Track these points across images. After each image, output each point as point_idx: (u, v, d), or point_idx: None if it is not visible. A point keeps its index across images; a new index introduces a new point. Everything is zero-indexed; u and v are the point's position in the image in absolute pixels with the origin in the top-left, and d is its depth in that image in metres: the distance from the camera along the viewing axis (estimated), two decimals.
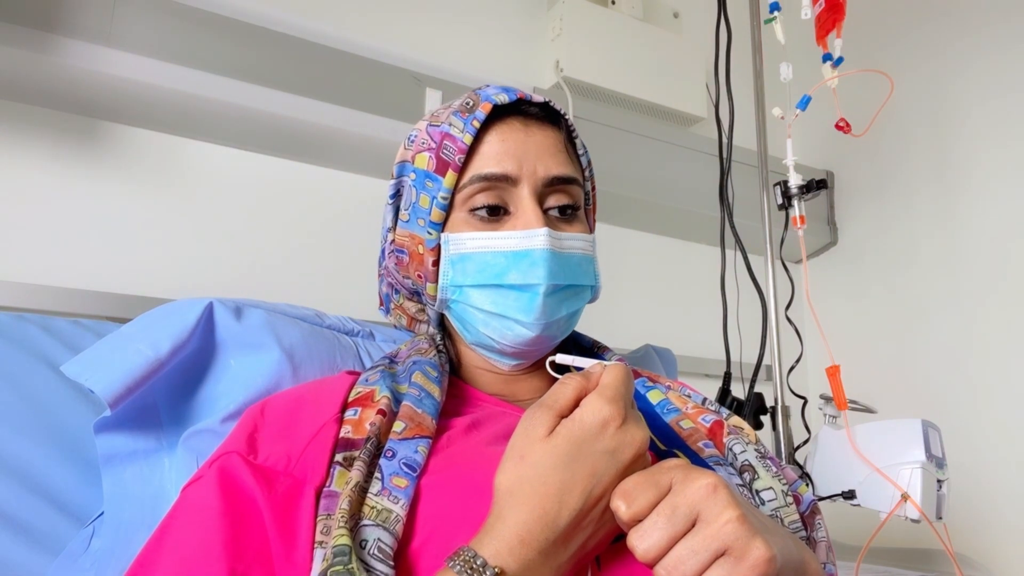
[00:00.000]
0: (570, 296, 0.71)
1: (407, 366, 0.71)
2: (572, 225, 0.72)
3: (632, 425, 0.52)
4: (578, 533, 0.50)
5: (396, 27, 1.56)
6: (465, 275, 0.70)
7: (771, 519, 0.54)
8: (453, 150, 0.69)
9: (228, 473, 0.57)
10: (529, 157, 0.69)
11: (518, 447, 0.52)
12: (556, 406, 0.53)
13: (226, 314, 0.81)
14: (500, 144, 0.69)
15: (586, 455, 0.51)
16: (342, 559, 0.48)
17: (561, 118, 0.74)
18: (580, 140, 0.77)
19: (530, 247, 0.67)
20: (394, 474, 0.57)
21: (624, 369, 0.55)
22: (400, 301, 0.84)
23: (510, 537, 0.48)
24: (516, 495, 0.50)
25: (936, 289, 1.72)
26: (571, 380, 0.55)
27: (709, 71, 1.41)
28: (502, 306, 0.68)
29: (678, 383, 0.80)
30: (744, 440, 0.70)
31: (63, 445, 0.79)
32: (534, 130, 0.71)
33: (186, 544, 0.53)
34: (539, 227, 0.67)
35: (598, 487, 0.50)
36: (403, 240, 0.76)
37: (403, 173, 0.76)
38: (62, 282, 1.16)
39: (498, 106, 0.70)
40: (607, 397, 0.52)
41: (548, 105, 0.72)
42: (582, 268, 0.71)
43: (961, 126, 1.71)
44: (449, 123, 0.71)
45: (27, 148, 1.19)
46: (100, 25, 1.16)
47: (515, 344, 0.70)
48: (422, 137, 0.73)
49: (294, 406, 0.65)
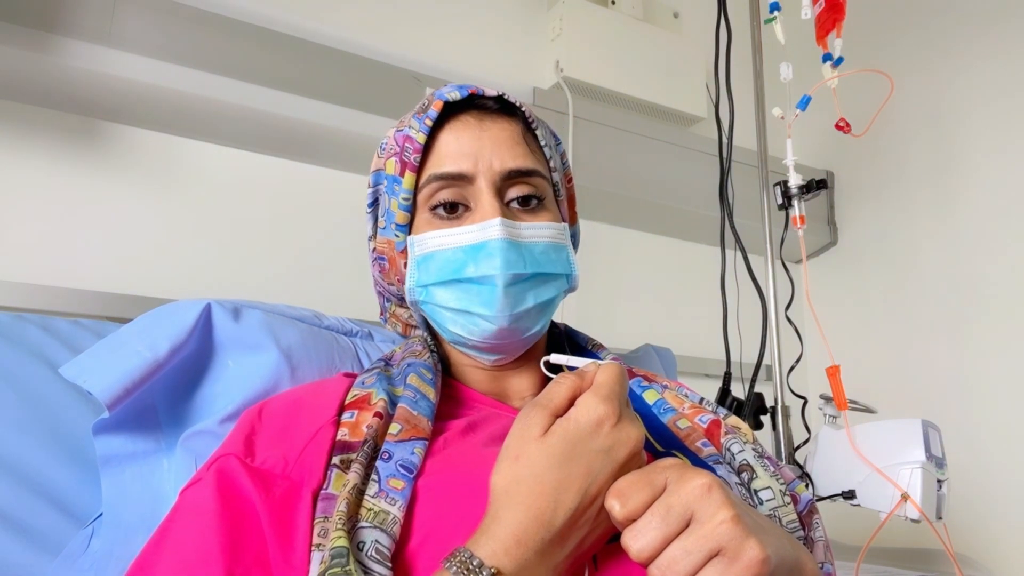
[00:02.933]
0: (537, 285, 0.70)
1: (402, 368, 0.71)
2: (536, 215, 0.71)
3: (627, 423, 0.52)
4: (574, 532, 0.50)
5: (396, 27, 1.56)
6: (428, 274, 0.70)
7: (767, 519, 0.54)
8: (411, 151, 0.70)
9: (226, 476, 0.57)
10: (484, 152, 0.69)
11: (513, 447, 0.52)
12: (551, 405, 0.53)
13: (224, 315, 0.81)
14: (455, 142, 0.69)
15: (581, 454, 0.51)
16: (339, 561, 0.48)
17: (518, 110, 0.73)
18: (545, 131, 0.76)
19: (485, 238, 0.67)
20: (391, 476, 0.57)
21: (618, 368, 0.54)
22: (392, 309, 0.84)
23: (506, 537, 0.48)
24: (512, 495, 0.50)
25: (936, 289, 1.72)
26: (565, 379, 0.54)
27: (709, 71, 1.41)
28: (465, 301, 0.68)
29: (675, 383, 0.80)
30: (742, 439, 0.69)
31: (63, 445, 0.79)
32: (488, 124, 0.70)
33: (184, 547, 0.53)
34: (494, 217, 0.67)
35: (593, 486, 0.50)
36: (382, 247, 0.77)
37: (378, 181, 0.76)
38: (62, 282, 1.16)
39: (452, 103, 0.70)
40: (601, 396, 0.52)
41: (503, 98, 0.72)
42: (548, 256, 0.70)
43: (961, 126, 1.71)
44: (409, 125, 0.71)
45: (27, 148, 1.19)
46: (100, 25, 1.16)
47: (483, 339, 0.70)
48: (391, 143, 0.74)
49: (291, 409, 0.65)
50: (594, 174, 1.61)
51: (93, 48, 1.15)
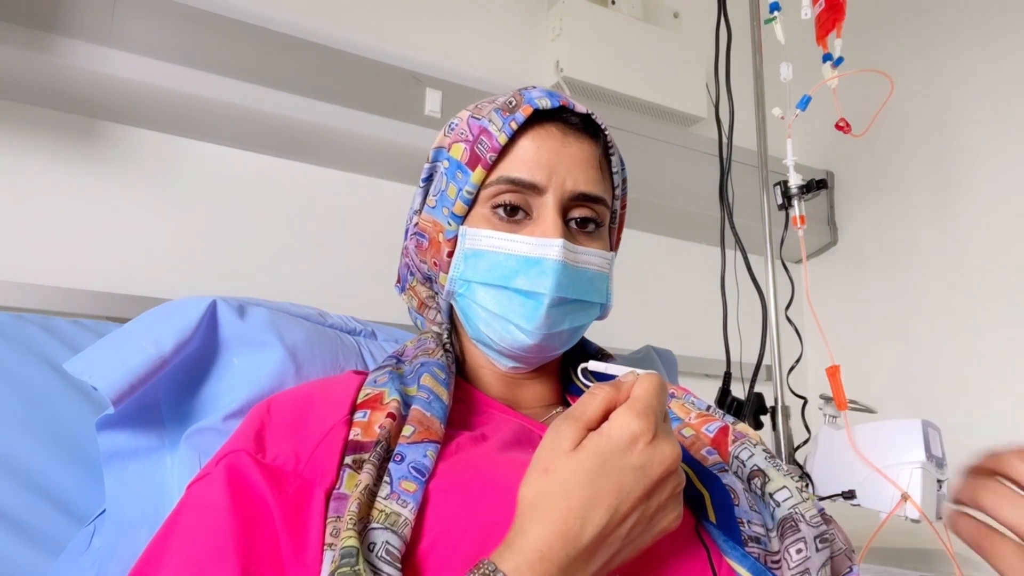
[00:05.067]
0: (576, 311, 0.71)
1: (415, 367, 0.71)
2: (592, 241, 0.71)
3: (663, 441, 0.51)
4: (602, 550, 0.49)
5: (396, 27, 1.56)
6: (475, 271, 0.69)
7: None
8: (487, 147, 0.69)
9: (237, 471, 0.56)
10: (560, 168, 0.68)
11: (543, 459, 0.51)
12: (584, 418, 0.52)
13: (229, 312, 0.81)
14: (535, 150, 0.69)
15: (612, 470, 0.49)
16: (349, 560, 0.48)
17: (601, 132, 0.72)
18: (618, 156, 0.76)
19: (543, 255, 0.67)
20: (403, 478, 0.56)
21: (658, 380, 0.53)
22: (413, 283, 0.83)
23: (531, 552, 0.47)
24: (539, 509, 0.49)
25: (936, 288, 1.72)
26: (600, 391, 0.53)
27: (709, 71, 1.41)
28: (505, 309, 0.68)
29: (682, 390, 0.79)
30: (751, 443, 0.69)
31: (63, 445, 0.79)
32: (571, 141, 0.70)
33: (195, 542, 0.53)
34: (556, 237, 0.67)
35: (624, 504, 0.49)
36: (426, 225, 0.76)
37: (438, 159, 0.75)
38: (62, 282, 1.16)
39: (539, 110, 0.69)
40: (637, 411, 0.50)
41: (590, 117, 0.71)
42: (594, 285, 0.71)
43: (961, 126, 1.71)
44: (489, 119, 0.70)
45: (27, 148, 1.19)
46: (100, 25, 1.16)
47: (512, 348, 0.70)
48: (462, 127, 0.73)
49: (302, 405, 0.64)
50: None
51: (93, 48, 1.15)
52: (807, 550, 0.59)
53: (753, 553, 0.59)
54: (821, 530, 0.61)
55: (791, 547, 0.59)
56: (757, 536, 0.60)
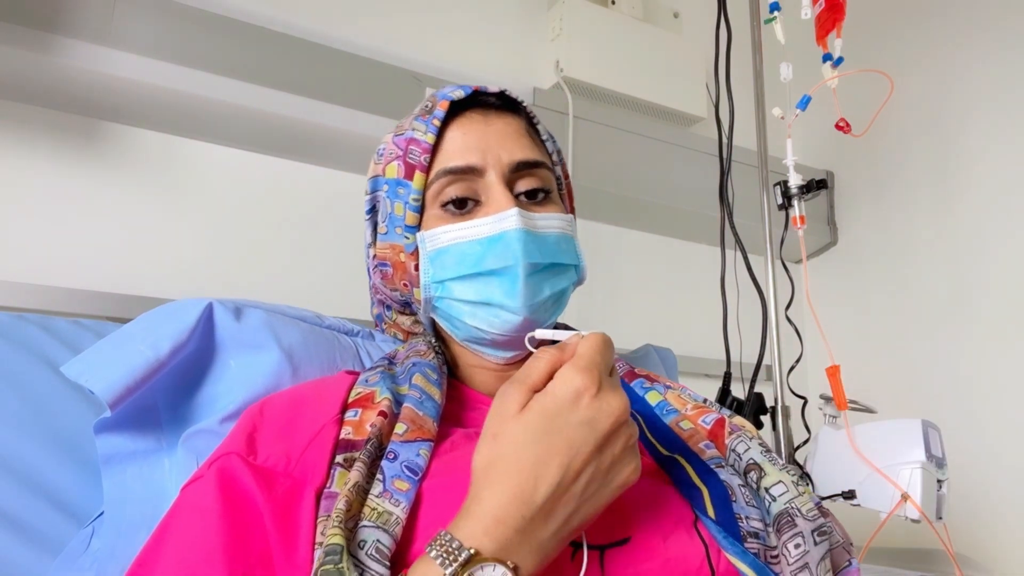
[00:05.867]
0: (552, 276, 0.70)
1: (406, 367, 0.71)
2: (545, 207, 0.72)
3: (609, 394, 0.51)
4: (559, 508, 0.49)
5: (396, 27, 1.55)
6: (445, 269, 0.69)
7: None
8: (418, 152, 0.70)
9: (227, 474, 0.57)
10: (492, 145, 0.70)
11: (492, 426, 0.51)
12: (528, 381, 0.52)
13: (226, 314, 0.81)
14: (462, 138, 0.70)
15: (560, 427, 0.49)
16: (333, 558, 0.48)
17: (520, 106, 0.75)
18: (544, 127, 0.77)
19: (502, 229, 0.67)
20: (396, 477, 0.57)
21: (600, 337, 0.53)
22: (394, 317, 0.84)
23: (485, 517, 0.48)
24: (491, 474, 0.49)
25: (936, 289, 1.72)
26: (545, 353, 0.53)
27: (709, 71, 1.41)
28: (485, 294, 0.68)
29: (678, 384, 0.80)
30: (747, 436, 0.69)
31: (63, 445, 0.79)
32: (493, 119, 0.72)
33: (186, 545, 0.53)
34: (509, 208, 0.67)
35: (576, 459, 0.49)
36: (384, 253, 0.76)
37: (376, 188, 0.77)
38: (62, 282, 1.16)
39: (456, 102, 0.71)
40: (580, 367, 0.51)
41: (505, 94, 0.73)
42: (561, 247, 0.71)
43: (961, 126, 1.71)
44: (412, 128, 0.72)
45: (27, 148, 1.19)
46: (100, 25, 1.16)
47: (504, 331, 0.69)
48: (389, 148, 0.74)
49: (293, 406, 0.65)
50: (594, 174, 1.61)
51: (93, 48, 1.15)
52: (805, 544, 0.59)
53: (752, 549, 0.59)
54: (818, 523, 0.60)
55: (789, 542, 0.59)
56: (756, 531, 0.60)
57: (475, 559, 0.46)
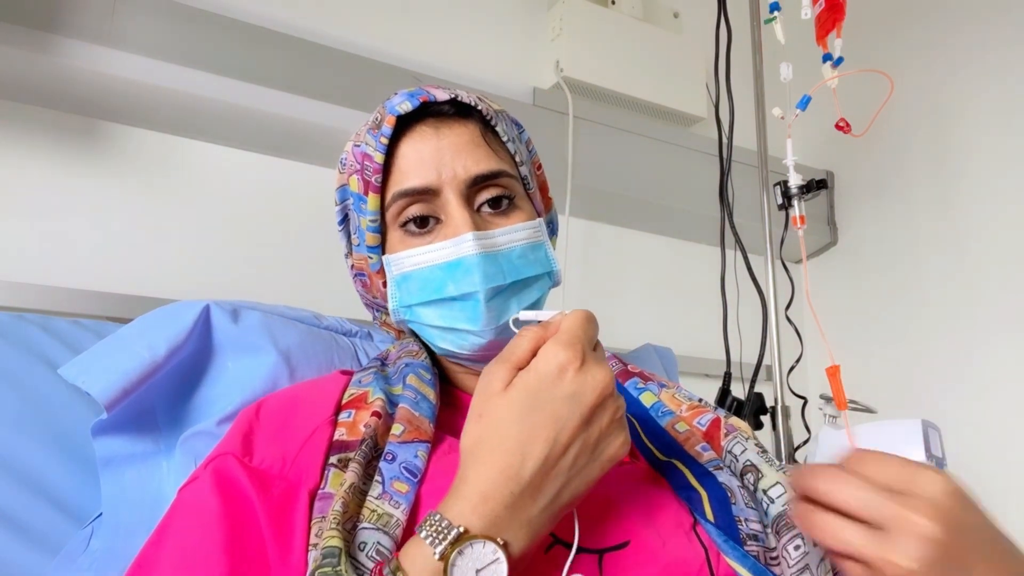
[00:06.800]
0: (519, 291, 0.68)
1: (398, 367, 0.71)
2: (508, 217, 0.69)
3: (593, 367, 0.51)
4: (547, 483, 0.49)
5: (396, 27, 1.55)
6: (411, 294, 0.68)
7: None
8: (371, 170, 0.68)
9: (224, 475, 0.57)
10: (445, 161, 0.66)
11: (477, 406, 0.51)
12: (512, 359, 0.52)
13: (223, 316, 0.81)
14: (414, 154, 0.67)
15: (545, 402, 0.49)
16: (331, 561, 0.48)
17: (473, 110, 0.70)
18: (507, 124, 0.73)
19: (459, 255, 0.65)
20: (395, 478, 0.56)
21: (583, 313, 0.53)
22: (383, 318, 0.83)
23: (472, 495, 0.48)
24: (477, 453, 0.49)
25: (936, 288, 1.72)
26: (528, 331, 0.53)
27: (709, 71, 1.41)
28: (450, 319, 0.67)
29: (673, 384, 0.79)
30: (743, 437, 0.68)
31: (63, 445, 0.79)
32: (445, 131, 0.67)
33: (186, 545, 0.53)
34: (465, 231, 0.65)
35: (563, 434, 0.49)
36: (360, 263, 0.75)
37: (344, 198, 0.74)
38: (62, 282, 1.16)
39: (403, 116, 0.67)
40: (563, 342, 0.51)
41: (456, 100, 0.69)
42: (526, 260, 0.68)
43: (961, 126, 1.71)
44: (365, 142, 0.69)
45: (27, 148, 1.19)
46: (100, 25, 1.16)
47: (473, 352, 0.69)
48: (350, 159, 0.72)
49: (288, 407, 0.65)
50: (594, 174, 1.61)
51: (93, 48, 1.15)
52: (805, 545, 0.59)
53: (752, 551, 0.59)
54: None
55: (789, 544, 0.59)
56: (755, 534, 0.60)
57: (464, 536, 0.46)
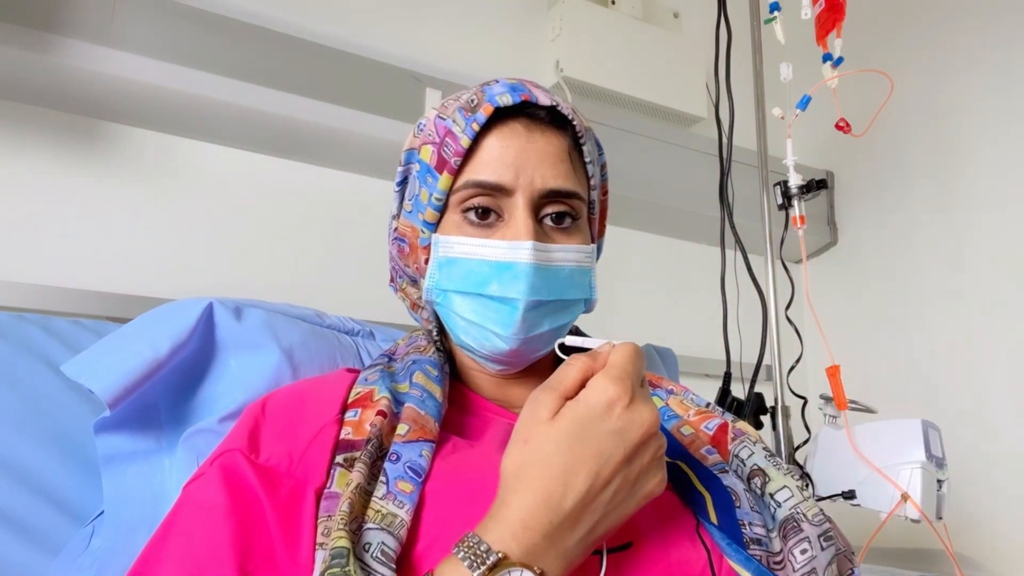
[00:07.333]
0: (555, 311, 0.69)
1: (406, 364, 0.71)
2: (568, 236, 0.69)
3: (641, 405, 0.51)
4: (586, 516, 0.49)
5: (396, 27, 1.56)
6: (450, 280, 0.68)
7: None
8: (452, 150, 0.67)
9: (232, 471, 0.57)
10: (528, 166, 0.66)
11: (523, 431, 0.51)
12: (560, 388, 0.52)
13: (226, 314, 0.81)
14: (500, 150, 0.66)
15: (591, 436, 0.49)
16: (339, 561, 0.48)
17: (569, 123, 0.70)
18: (592, 144, 0.73)
19: (514, 259, 0.65)
20: (399, 478, 0.56)
21: (632, 347, 0.53)
22: (404, 285, 0.81)
23: (514, 521, 0.48)
24: (520, 479, 0.49)
25: (936, 288, 1.72)
26: (577, 361, 0.53)
27: (709, 71, 1.41)
28: (481, 316, 0.67)
29: (681, 387, 0.79)
30: (751, 441, 0.68)
31: (63, 445, 0.79)
32: (536, 136, 0.67)
33: (193, 542, 0.53)
34: (526, 239, 0.65)
35: (606, 468, 0.49)
36: (405, 229, 0.74)
37: (410, 161, 0.73)
38: (62, 282, 1.16)
39: (500, 108, 0.67)
40: (613, 376, 0.51)
41: (555, 109, 0.68)
42: (572, 282, 0.69)
43: (961, 125, 1.71)
44: (453, 119, 0.68)
45: (27, 148, 1.19)
46: (100, 25, 1.16)
47: (493, 354, 0.69)
48: (429, 128, 0.71)
49: (295, 405, 0.64)
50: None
51: (93, 48, 1.15)
52: (812, 549, 0.58)
53: (755, 555, 0.58)
54: (824, 528, 0.60)
55: (795, 548, 0.58)
56: (759, 538, 0.60)
57: (503, 563, 0.46)
